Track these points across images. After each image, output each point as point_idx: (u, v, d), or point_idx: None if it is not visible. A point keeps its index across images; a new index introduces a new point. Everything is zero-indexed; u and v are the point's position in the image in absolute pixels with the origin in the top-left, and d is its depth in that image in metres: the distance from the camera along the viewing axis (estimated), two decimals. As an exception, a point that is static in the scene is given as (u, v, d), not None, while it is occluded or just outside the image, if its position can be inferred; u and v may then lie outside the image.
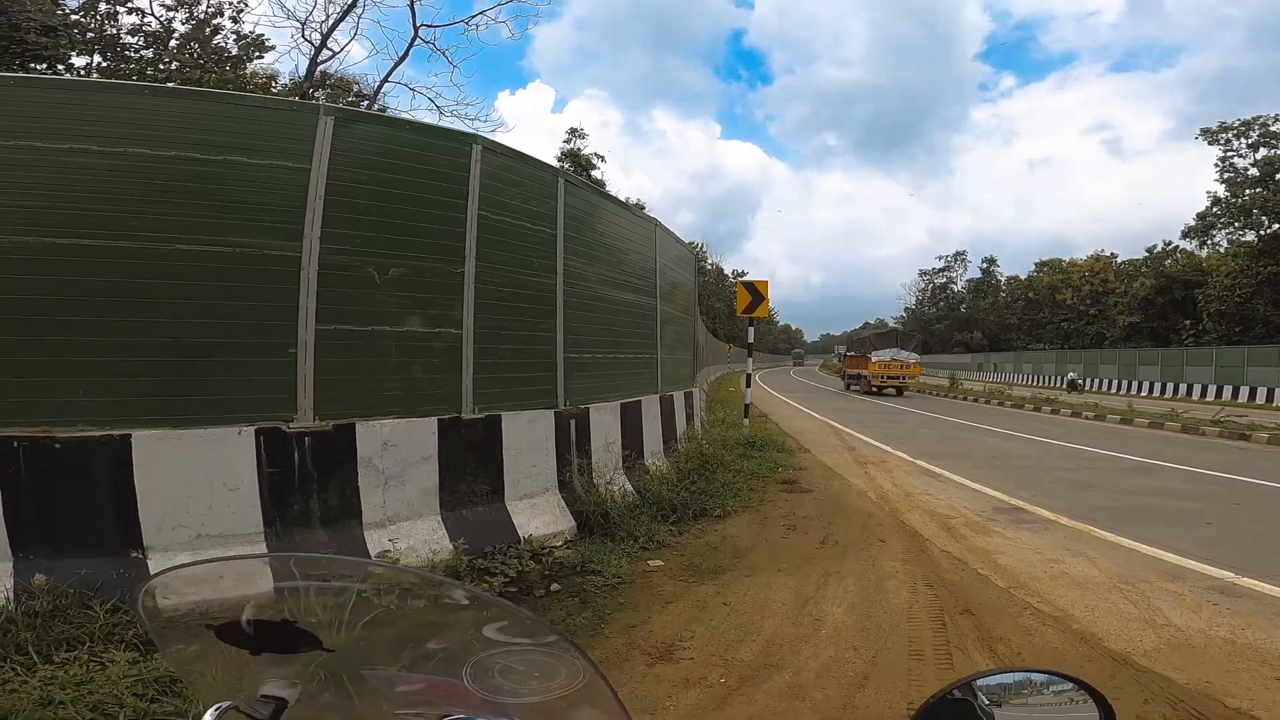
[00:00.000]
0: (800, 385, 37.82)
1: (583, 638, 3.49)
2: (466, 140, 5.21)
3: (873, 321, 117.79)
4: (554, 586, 4.30)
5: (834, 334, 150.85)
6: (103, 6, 17.24)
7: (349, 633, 0.97)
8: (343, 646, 0.92)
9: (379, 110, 17.53)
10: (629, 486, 6.21)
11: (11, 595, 3.27)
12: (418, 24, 19.02)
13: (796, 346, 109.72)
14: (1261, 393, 26.76)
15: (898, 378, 26.72)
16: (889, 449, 11.41)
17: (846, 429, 14.53)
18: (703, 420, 10.90)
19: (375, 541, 4.27)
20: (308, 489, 4.13)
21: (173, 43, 17.76)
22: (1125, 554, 5.35)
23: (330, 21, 18.59)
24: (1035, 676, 1.06)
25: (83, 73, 15.93)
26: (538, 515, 5.19)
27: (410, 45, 19.16)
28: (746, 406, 12.56)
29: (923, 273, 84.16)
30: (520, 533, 4.94)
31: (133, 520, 3.63)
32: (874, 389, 26.73)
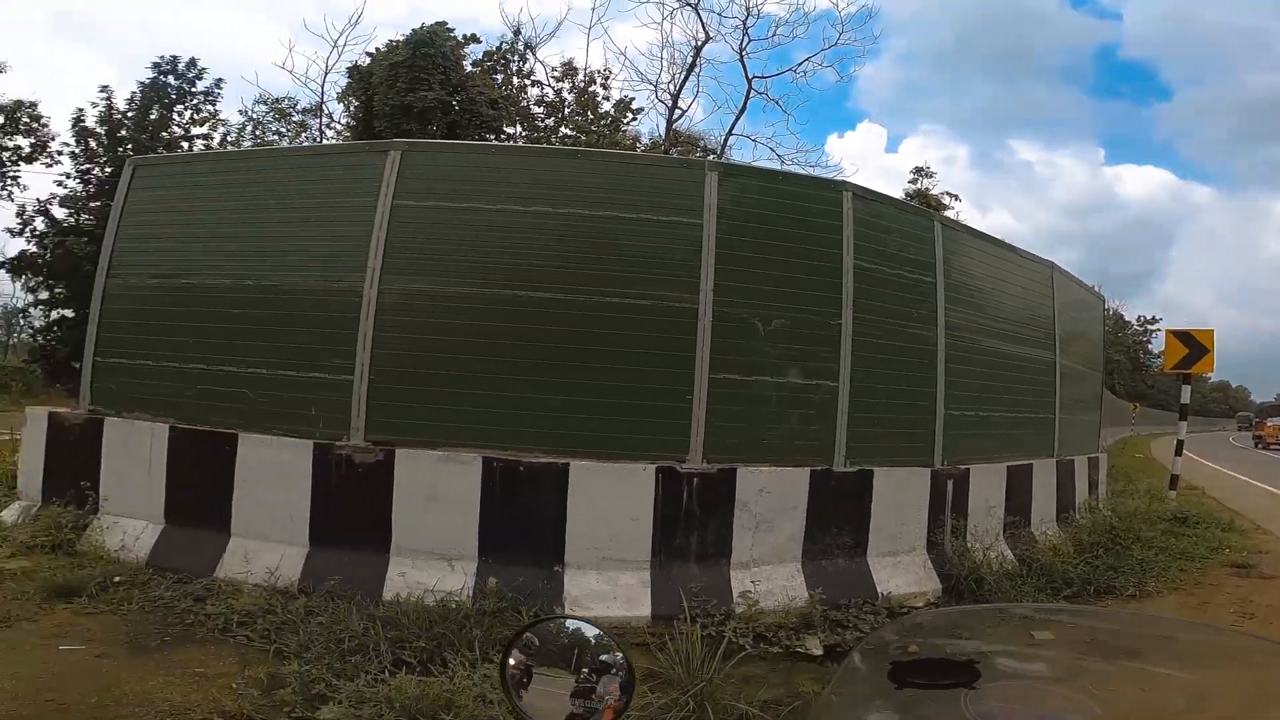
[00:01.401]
0: (1242, 454, 29.04)
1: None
2: (837, 187, 5.27)
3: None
4: (911, 648, 3.94)
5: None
6: (515, 81, 21.46)
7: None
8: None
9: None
10: (1009, 554, 5.49)
11: (471, 594, 4.00)
12: (750, 76, 19.97)
13: (1241, 408, 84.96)
14: None
15: None
16: None
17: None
18: (1106, 489, 9.09)
19: (739, 581, 4.43)
20: (690, 526, 4.46)
21: (566, 110, 21.32)
22: None
23: (676, 83, 20.53)
24: None
25: (511, 141, 19.66)
26: (900, 574, 4.90)
27: (746, 98, 20.15)
28: (1174, 477, 10.11)
29: None
30: (879, 589, 4.71)
31: (560, 538, 4.27)
32: (1269, 444, 34.25)
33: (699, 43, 20.20)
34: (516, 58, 21.51)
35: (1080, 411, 7.87)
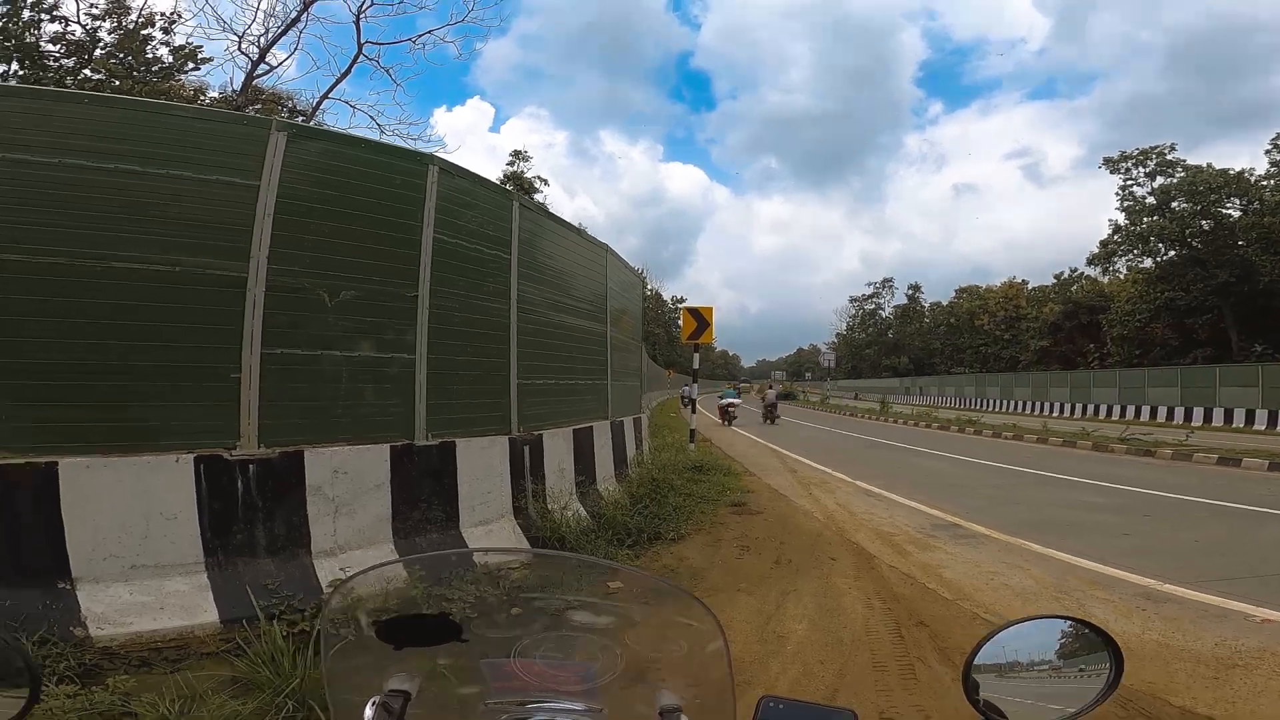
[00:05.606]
0: (738, 411, 38.36)
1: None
2: (423, 161, 5.15)
3: (805, 348, 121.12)
4: (515, 610, 4.20)
5: (770, 359, 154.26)
6: (26, 14, 16.49)
7: (481, 623, 1.10)
8: (474, 637, 1.02)
9: (317, 126, 17.20)
10: (583, 511, 6.16)
11: None
12: (362, 41, 18.75)
13: (738, 374, 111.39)
14: (1162, 412, 28.82)
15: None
16: (830, 470, 11.70)
17: (788, 452, 14.83)
18: (649, 445, 10.94)
19: (326, 570, 4.09)
20: (252, 518, 3.97)
21: (98, 52, 17.05)
22: (1055, 565, 5.63)
23: (270, 36, 18.11)
24: (1042, 624, 1.09)
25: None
26: (493, 541, 5.10)
27: (353, 62, 18.80)
28: (692, 432, 12.68)
29: (853, 299, 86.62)
30: (475, 559, 4.83)
31: (61, 550, 3.43)
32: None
33: (310, -3, 17.65)
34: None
35: (627, 378, 9.27)
